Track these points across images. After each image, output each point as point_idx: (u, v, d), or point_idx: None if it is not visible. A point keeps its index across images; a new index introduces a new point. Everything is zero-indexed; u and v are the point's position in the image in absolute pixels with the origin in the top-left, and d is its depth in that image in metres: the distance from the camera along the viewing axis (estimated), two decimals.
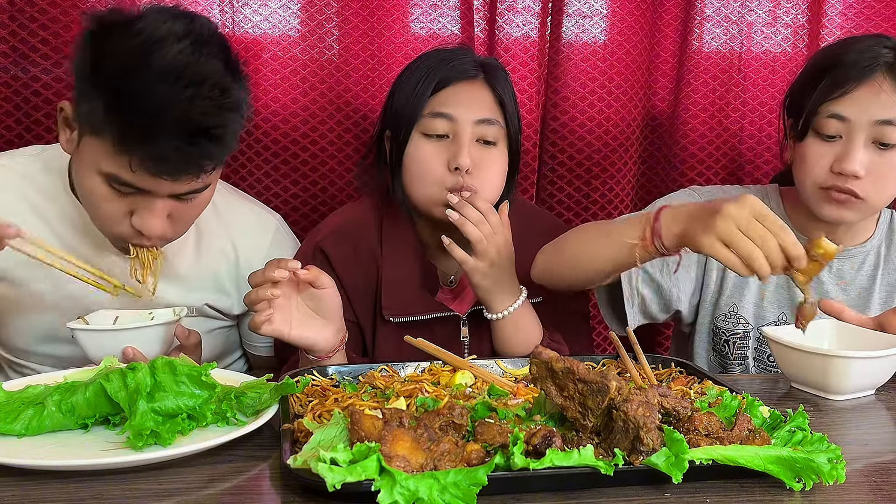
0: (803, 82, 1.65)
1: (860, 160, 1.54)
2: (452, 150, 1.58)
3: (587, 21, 2.06)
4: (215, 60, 1.31)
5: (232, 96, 1.32)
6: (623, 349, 1.36)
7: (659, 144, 2.20)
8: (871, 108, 1.54)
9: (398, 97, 1.64)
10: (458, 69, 1.62)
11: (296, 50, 1.97)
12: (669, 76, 2.15)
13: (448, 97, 1.60)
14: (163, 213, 1.38)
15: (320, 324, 1.43)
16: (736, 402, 1.10)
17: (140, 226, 1.38)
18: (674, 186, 2.16)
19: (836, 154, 1.56)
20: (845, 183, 1.56)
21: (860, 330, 1.45)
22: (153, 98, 1.25)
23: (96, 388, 1.05)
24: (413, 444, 0.89)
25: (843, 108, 1.55)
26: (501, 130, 1.63)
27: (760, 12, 2.13)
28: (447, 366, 1.33)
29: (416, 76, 1.62)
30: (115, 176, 1.33)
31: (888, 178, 1.57)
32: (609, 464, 0.90)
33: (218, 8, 1.93)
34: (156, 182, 1.32)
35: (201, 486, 0.94)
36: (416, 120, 1.60)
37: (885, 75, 1.54)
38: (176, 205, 1.39)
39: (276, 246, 1.70)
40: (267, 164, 2.00)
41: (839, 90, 1.55)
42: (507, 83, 1.66)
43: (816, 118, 1.58)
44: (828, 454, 0.94)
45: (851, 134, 1.55)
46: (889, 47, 1.58)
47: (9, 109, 1.86)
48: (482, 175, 1.60)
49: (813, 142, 1.60)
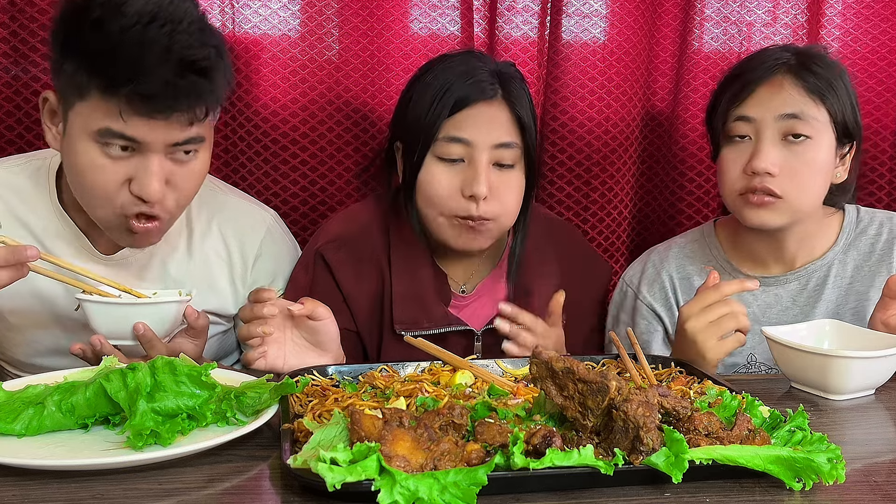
0: (713, 99, 1.68)
1: (770, 157, 1.55)
2: (469, 176, 1.53)
3: (587, 21, 2.06)
4: (188, 4, 1.33)
5: (213, 36, 1.34)
6: (623, 349, 1.36)
7: (658, 144, 2.20)
8: (774, 104, 1.56)
9: (412, 111, 1.58)
10: (477, 88, 1.54)
11: (296, 50, 1.97)
12: (669, 76, 2.15)
13: (465, 120, 1.54)
14: (160, 174, 1.35)
15: (316, 355, 1.42)
16: (736, 401, 1.10)
17: (139, 190, 1.35)
18: (673, 186, 2.16)
19: (747, 156, 1.58)
20: (761, 182, 1.55)
21: (860, 330, 1.45)
22: (133, 39, 1.26)
23: (96, 388, 1.05)
24: (413, 443, 0.89)
25: (748, 109, 1.58)
26: (519, 151, 1.57)
27: (760, 12, 2.13)
28: (447, 366, 1.33)
29: (432, 91, 1.55)
30: (108, 129, 1.31)
31: (804, 173, 1.57)
32: (609, 464, 0.90)
33: (218, 8, 1.93)
34: (148, 126, 1.30)
35: (201, 486, 0.94)
36: (430, 143, 1.54)
37: (785, 74, 1.58)
38: (173, 168, 1.37)
39: (270, 243, 1.68)
40: (266, 164, 1.99)
41: (743, 93, 1.58)
42: (525, 95, 1.60)
43: (726, 125, 1.61)
44: (828, 454, 0.94)
45: (759, 132, 1.57)
46: (792, 52, 1.61)
47: (9, 109, 1.86)
48: (499, 202, 1.55)
49: (726, 149, 1.62)
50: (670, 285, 1.76)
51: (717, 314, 1.43)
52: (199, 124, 1.35)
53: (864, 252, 1.70)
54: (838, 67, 1.62)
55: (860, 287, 1.69)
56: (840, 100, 1.58)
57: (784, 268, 1.72)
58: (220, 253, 1.64)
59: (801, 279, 1.70)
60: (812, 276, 1.70)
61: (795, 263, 1.71)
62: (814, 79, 1.56)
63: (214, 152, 1.97)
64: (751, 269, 1.73)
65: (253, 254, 1.65)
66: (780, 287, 1.71)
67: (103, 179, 1.35)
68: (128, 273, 1.55)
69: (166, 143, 1.34)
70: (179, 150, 1.36)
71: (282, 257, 1.71)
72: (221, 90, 1.36)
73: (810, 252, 1.70)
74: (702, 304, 1.44)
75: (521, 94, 1.59)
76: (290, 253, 1.74)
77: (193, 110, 1.32)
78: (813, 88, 1.56)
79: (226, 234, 1.65)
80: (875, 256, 1.69)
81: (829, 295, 1.68)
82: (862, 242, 1.71)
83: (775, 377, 1.45)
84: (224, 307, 1.65)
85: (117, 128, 1.30)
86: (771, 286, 1.71)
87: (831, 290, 1.69)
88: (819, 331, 1.46)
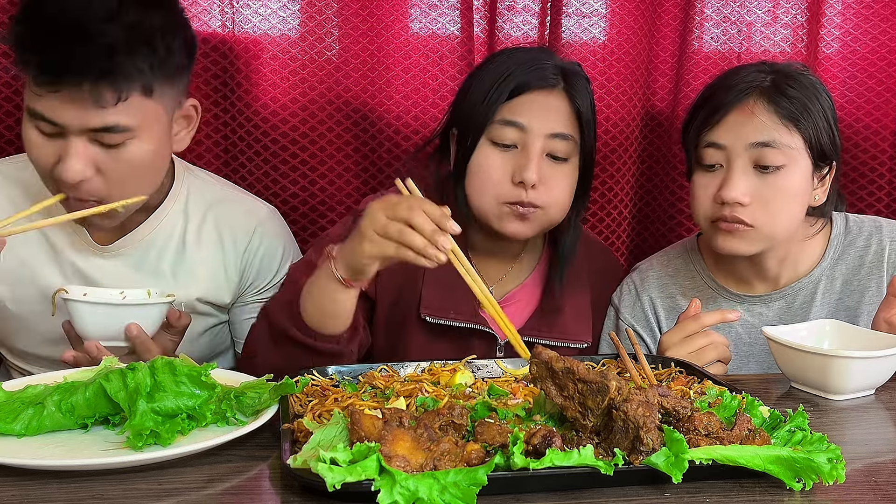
0: (688, 117, 1.63)
1: (740, 187, 1.51)
2: (520, 162, 1.51)
3: (587, 21, 2.06)
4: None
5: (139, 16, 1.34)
6: (623, 349, 1.36)
7: (658, 144, 2.20)
8: (745, 132, 1.51)
9: (471, 96, 1.56)
10: (538, 75, 1.52)
11: (295, 50, 1.97)
12: (669, 76, 2.16)
13: (522, 105, 1.52)
14: (80, 158, 1.36)
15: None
16: (736, 401, 1.10)
17: (60, 171, 1.37)
18: (673, 186, 2.16)
19: (718, 183, 1.53)
20: (732, 212, 1.52)
21: (860, 330, 1.46)
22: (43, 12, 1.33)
23: (96, 388, 1.05)
24: (413, 444, 0.89)
25: (719, 136, 1.53)
26: (574, 145, 1.55)
27: (760, 12, 2.13)
28: (447, 365, 1.33)
29: (493, 76, 1.53)
30: (32, 109, 1.36)
31: (777, 202, 1.52)
32: (609, 464, 0.90)
33: (218, 8, 1.93)
34: (61, 107, 1.33)
35: (201, 486, 0.94)
36: (485, 125, 1.52)
37: (757, 99, 1.52)
38: (100, 155, 1.38)
39: (263, 234, 1.68)
40: (266, 164, 2.00)
41: (714, 118, 1.53)
42: (588, 93, 1.57)
43: (697, 149, 1.57)
44: (828, 454, 0.94)
45: (729, 161, 1.52)
46: (769, 72, 1.55)
47: (9, 109, 1.86)
48: (548, 192, 1.53)
49: (697, 174, 1.58)
50: (650, 307, 1.73)
51: (698, 345, 1.42)
52: (116, 110, 1.35)
53: (852, 266, 1.66)
54: (816, 86, 1.55)
55: (850, 302, 1.66)
56: (815, 123, 1.52)
57: (769, 286, 1.68)
58: (213, 243, 1.64)
59: (786, 298, 1.67)
60: (798, 294, 1.66)
61: (780, 282, 1.67)
62: (787, 103, 1.51)
63: (214, 152, 1.98)
64: (735, 286, 1.69)
65: (245, 243, 1.65)
66: (763, 306, 1.68)
67: (39, 156, 1.40)
68: (123, 263, 1.57)
69: (82, 128, 1.35)
70: (102, 137, 1.37)
71: (275, 248, 1.70)
72: (134, 72, 1.34)
73: (794, 270, 1.67)
74: (682, 335, 1.44)
75: (584, 91, 1.56)
76: (285, 245, 1.73)
77: (97, 89, 1.32)
78: (786, 114, 1.50)
79: (220, 224, 1.65)
80: (864, 269, 1.66)
81: (817, 312, 1.65)
82: (850, 255, 1.67)
83: (775, 377, 1.45)
84: (219, 297, 1.66)
85: (38, 108, 1.35)
86: (755, 304, 1.68)
87: (819, 307, 1.65)
88: (819, 331, 1.46)
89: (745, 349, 1.69)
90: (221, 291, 1.65)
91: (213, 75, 1.96)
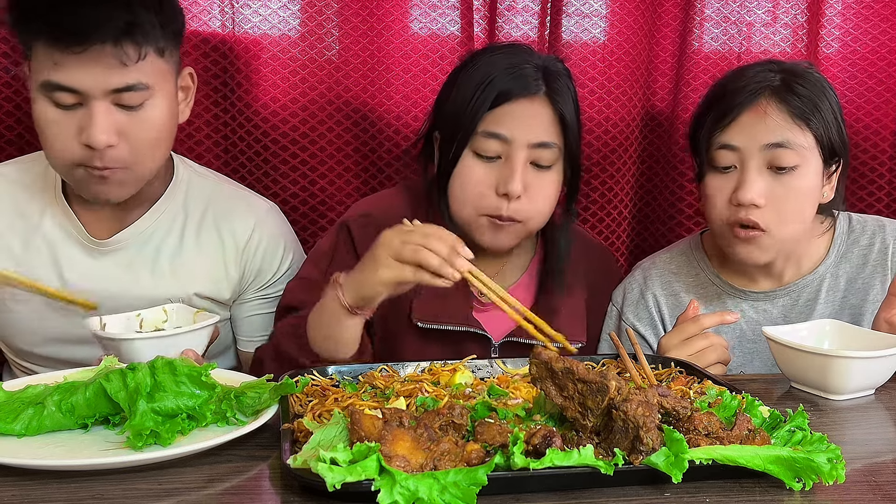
0: (697, 117, 1.62)
1: (755, 189, 1.50)
2: (504, 173, 1.51)
3: (586, 21, 2.06)
4: None
5: None
6: (623, 349, 1.36)
7: (658, 144, 2.20)
8: (759, 134, 1.50)
9: (454, 100, 1.54)
10: (520, 82, 1.51)
11: (295, 50, 1.97)
12: (669, 76, 2.16)
13: (504, 115, 1.51)
14: (106, 121, 1.38)
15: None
16: (735, 401, 1.10)
17: (87, 138, 1.38)
18: (673, 186, 2.16)
19: (733, 185, 1.53)
20: (748, 214, 1.51)
21: (860, 330, 1.46)
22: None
23: (96, 388, 1.05)
24: (413, 443, 0.89)
25: (732, 137, 1.53)
26: (558, 152, 1.54)
27: (760, 12, 2.13)
28: (447, 365, 1.33)
29: (475, 81, 1.52)
30: (48, 81, 1.36)
31: (791, 203, 1.52)
32: (609, 464, 0.90)
33: (218, 8, 1.93)
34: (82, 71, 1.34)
35: (201, 486, 0.94)
36: (468, 137, 1.51)
37: (769, 99, 1.51)
38: (122, 118, 1.39)
39: (262, 229, 1.68)
40: (266, 164, 2.00)
41: (726, 119, 1.53)
42: (570, 93, 1.56)
43: (710, 151, 1.55)
44: (827, 454, 0.94)
45: (744, 162, 1.52)
46: (777, 71, 1.55)
47: (9, 109, 1.86)
48: (531, 201, 1.53)
49: (711, 176, 1.57)
50: (654, 305, 1.73)
51: (697, 347, 1.42)
52: (137, 68, 1.37)
53: (856, 264, 1.67)
54: (823, 84, 1.55)
55: (854, 301, 1.66)
56: (826, 120, 1.52)
57: (773, 283, 1.68)
58: (213, 239, 1.64)
59: (791, 294, 1.67)
60: (803, 291, 1.67)
61: (784, 279, 1.68)
62: (798, 102, 1.51)
63: (214, 152, 1.99)
64: (739, 283, 1.69)
65: (245, 238, 1.65)
66: (768, 303, 1.68)
67: (56, 132, 1.40)
68: (121, 258, 1.57)
69: (105, 90, 1.37)
70: (124, 97, 1.38)
71: (276, 244, 1.70)
72: (151, 28, 1.37)
73: (799, 267, 1.67)
74: (681, 337, 1.44)
75: (566, 92, 1.56)
76: (286, 241, 1.73)
77: (121, 46, 1.34)
78: (798, 113, 1.50)
79: (219, 220, 1.65)
80: (868, 268, 1.66)
81: (821, 310, 1.65)
82: (854, 254, 1.67)
83: (775, 377, 1.45)
84: (218, 293, 1.65)
85: (55, 78, 1.35)
86: (760, 301, 1.68)
87: (824, 305, 1.66)
88: (819, 331, 1.46)
89: (750, 346, 1.69)
90: (221, 287, 1.65)
91: (213, 75, 1.96)
